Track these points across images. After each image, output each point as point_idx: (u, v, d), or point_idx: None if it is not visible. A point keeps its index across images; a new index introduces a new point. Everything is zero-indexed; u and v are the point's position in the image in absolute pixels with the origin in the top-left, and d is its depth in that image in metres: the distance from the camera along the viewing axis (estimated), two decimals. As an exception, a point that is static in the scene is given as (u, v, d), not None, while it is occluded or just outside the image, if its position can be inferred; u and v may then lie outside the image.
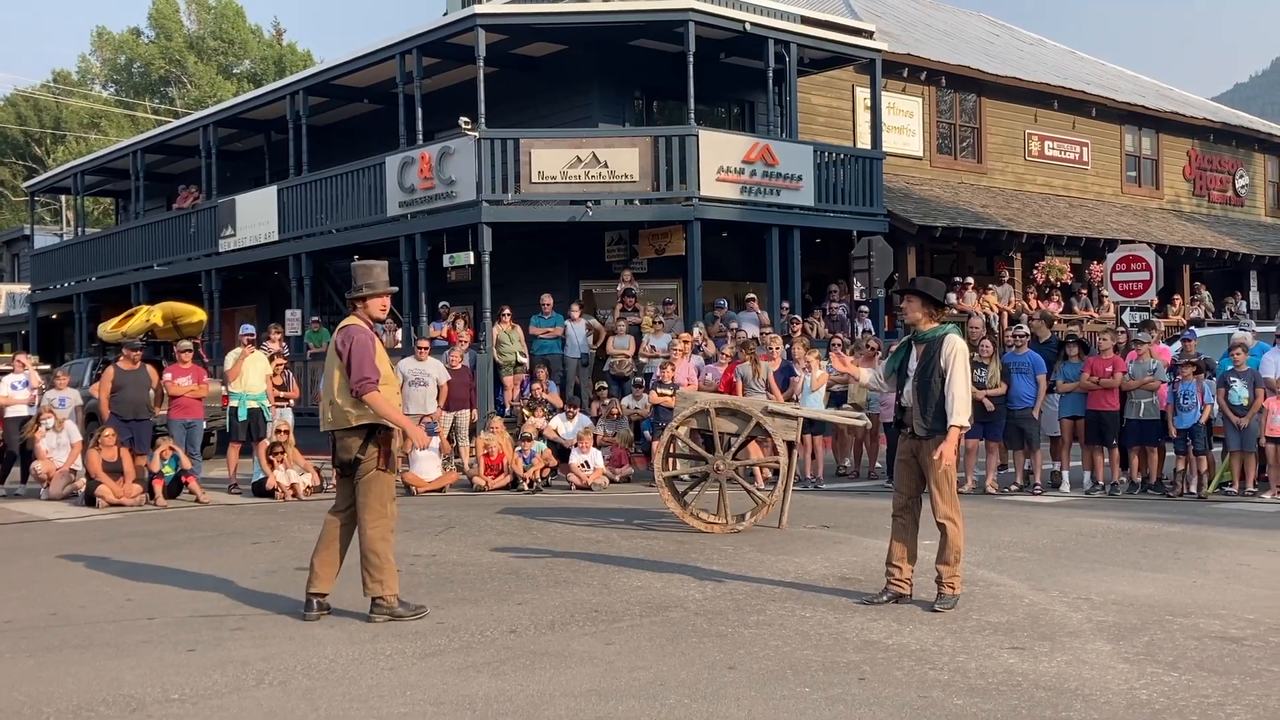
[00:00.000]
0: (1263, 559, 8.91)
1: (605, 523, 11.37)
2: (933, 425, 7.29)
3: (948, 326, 7.48)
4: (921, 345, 7.45)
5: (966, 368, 7.31)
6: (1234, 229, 30.73)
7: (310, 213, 22.83)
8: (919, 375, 7.40)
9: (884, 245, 20.32)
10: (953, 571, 7.29)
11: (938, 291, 7.57)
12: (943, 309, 7.56)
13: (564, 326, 18.40)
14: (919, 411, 7.37)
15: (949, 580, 7.28)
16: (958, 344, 7.32)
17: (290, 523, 11.74)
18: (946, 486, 7.34)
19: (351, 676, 5.90)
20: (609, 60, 20.97)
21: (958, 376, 7.23)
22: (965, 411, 7.24)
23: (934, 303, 7.48)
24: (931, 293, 7.51)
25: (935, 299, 7.48)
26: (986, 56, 28.52)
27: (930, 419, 7.29)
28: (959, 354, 7.27)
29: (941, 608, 7.17)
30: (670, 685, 5.64)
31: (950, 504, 7.34)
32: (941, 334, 7.37)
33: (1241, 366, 13.10)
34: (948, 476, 7.32)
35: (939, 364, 7.28)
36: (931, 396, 7.29)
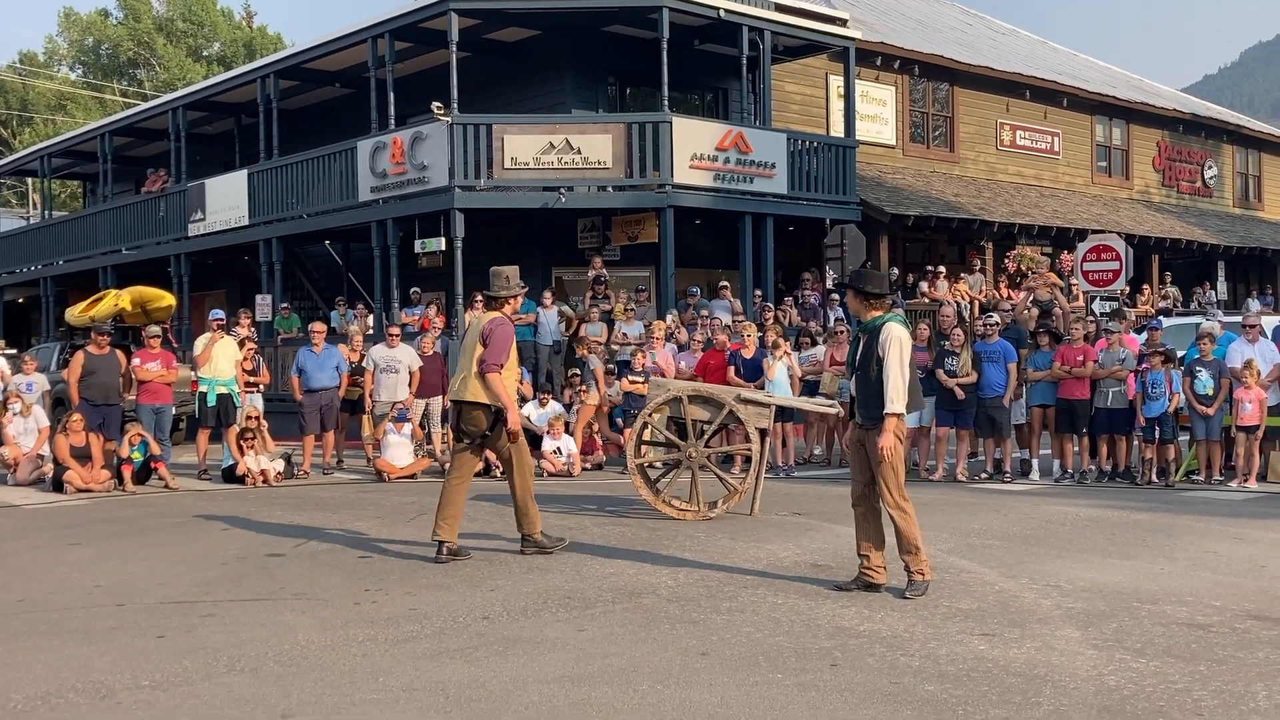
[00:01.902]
0: (1229, 546, 9.00)
1: (577, 509, 11.37)
2: (873, 413, 7.30)
3: (887, 316, 7.45)
4: (865, 336, 7.50)
5: (903, 356, 7.26)
6: (1202, 219, 30.99)
7: (281, 197, 22.68)
8: (860, 365, 7.46)
9: (857, 234, 20.38)
10: (917, 560, 7.28)
11: (870, 283, 7.57)
12: (880, 299, 7.51)
13: (536, 313, 18.36)
14: (860, 400, 7.44)
15: (916, 569, 7.29)
16: (893, 332, 7.30)
17: (261, 509, 11.68)
18: (892, 477, 7.29)
19: (324, 663, 5.88)
20: (583, 46, 20.91)
21: (892, 365, 7.22)
22: (901, 400, 7.21)
23: (867, 294, 7.50)
24: (862, 284, 7.55)
25: (868, 290, 7.50)
26: (959, 46, 28.61)
27: (871, 407, 7.31)
28: (894, 342, 7.25)
29: (911, 595, 7.19)
30: (643, 671, 5.65)
31: (897, 493, 7.29)
32: (880, 323, 7.38)
33: (1208, 356, 13.22)
34: (893, 466, 7.28)
35: (877, 353, 7.30)
36: (871, 385, 7.31)
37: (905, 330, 7.39)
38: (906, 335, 7.36)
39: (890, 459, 7.23)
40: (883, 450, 7.18)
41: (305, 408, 15.10)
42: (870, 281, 7.59)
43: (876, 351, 7.30)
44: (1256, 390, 12.89)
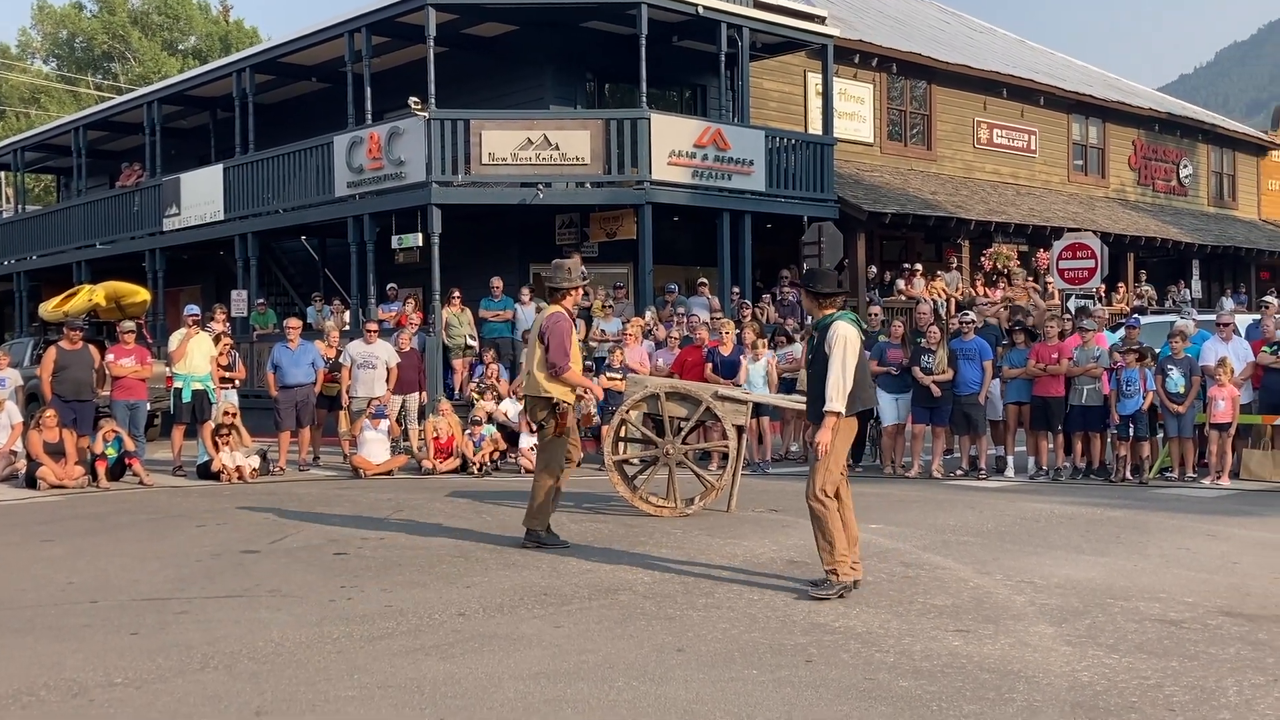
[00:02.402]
0: (1202, 543, 9.07)
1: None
2: (818, 411, 7.32)
3: (836, 314, 7.42)
4: (815, 334, 7.53)
5: (846, 355, 7.21)
6: (1177, 218, 31.19)
7: (257, 192, 22.57)
8: (811, 364, 7.51)
9: (834, 231, 20.43)
10: (830, 558, 7.16)
11: (821, 282, 7.59)
12: (831, 298, 7.51)
13: (514, 310, 18.33)
14: (810, 398, 7.54)
15: (829, 565, 7.18)
16: (839, 330, 7.27)
17: (236, 505, 11.63)
18: (822, 471, 7.25)
19: (298, 660, 5.86)
20: (561, 42, 20.88)
21: (834, 363, 7.20)
22: (839, 398, 7.17)
23: (817, 293, 7.53)
24: (813, 284, 7.60)
25: (818, 290, 7.53)
26: (937, 44, 28.70)
27: (818, 405, 7.32)
28: (839, 340, 7.23)
29: (814, 593, 7.08)
30: (619, 668, 5.66)
31: (821, 488, 7.23)
32: (828, 322, 7.39)
33: (1179, 354, 13.30)
34: (826, 462, 7.23)
35: (823, 351, 7.31)
36: (818, 384, 7.34)
37: (853, 329, 7.35)
38: (853, 334, 7.32)
39: (825, 455, 7.20)
40: (819, 446, 7.18)
41: (280, 404, 15.04)
42: (820, 281, 7.62)
43: (823, 350, 7.31)
44: (1230, 388, 12.99)
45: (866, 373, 7.50)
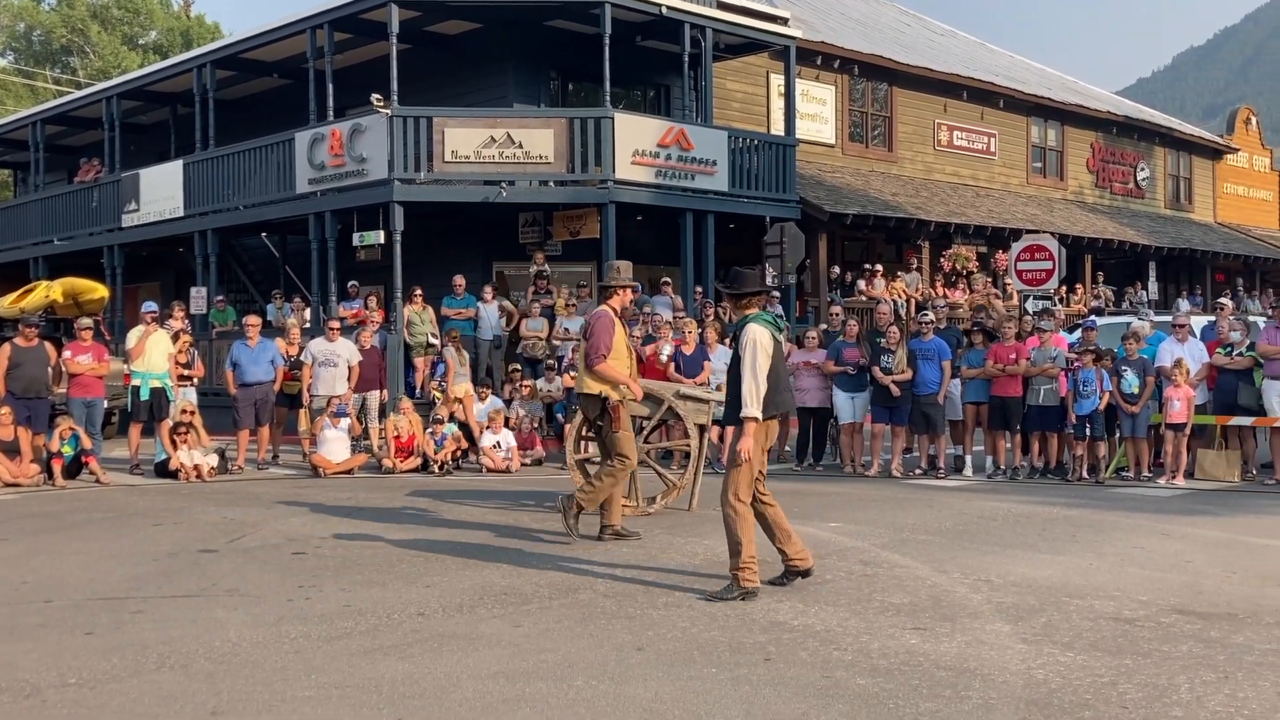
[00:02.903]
0: (1156, 542, 9.18)
1: (516, 505, 11.35)
2: (734, 415, 7.23)
3: (751, 316, 7.32)
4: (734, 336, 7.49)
5: (756, 359, 7.11)
6: (1134, 220, 31.54)
7: (217, 188, 22.39)
8: (729, 366, 7.46)
9: (796, 231, 20.51)
10: (736, 564, 7.12)
11: (736, 283, 7.56)
12: (745, 298, 7.47)
13: (476, 308, 18.29)
14: (727, 401, 7.41)
15: (731, 571, 7.15)
16: (750, 334, 7.17)
17: (194, 504, 11.54)
18: (735, 475, 7.19)
19: (255, 660, 5.83)
20: (524, 40, 20.85)
21: (745, 367, 7.11)
22: (753, 403, 7.07)
23: (733, 295, 7.55)
24: (728, 285, 7.60)
25: (731, 291, 7.53)
26: (898, 46, 28.87)
27: (733, 409, 7.24)
28: (749, 344, 7.13)
29: (715, 597, 7.04)
30: (578, 667, 5.66)
31: (734, 493, 7.17)
32: (742, 325, 7.33)
33: (1134, 355, 13.45)
34: (740, 468, 7.15)
35: (738, 354, 7.27)
36: (733, 387, 7.26)
37: (765, 331, 7.21)
38: (765, 336, 7.19)
39: (742, 461, 7.12)
40: (740, 452, 7.09)
41: (239, 402, 14.93)
42: (736, 282, 7.57)
43: (737, 353, 7.27)
44: (1185, 389, 13.15)
45: (782, 375, 7.35)
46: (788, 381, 7.50)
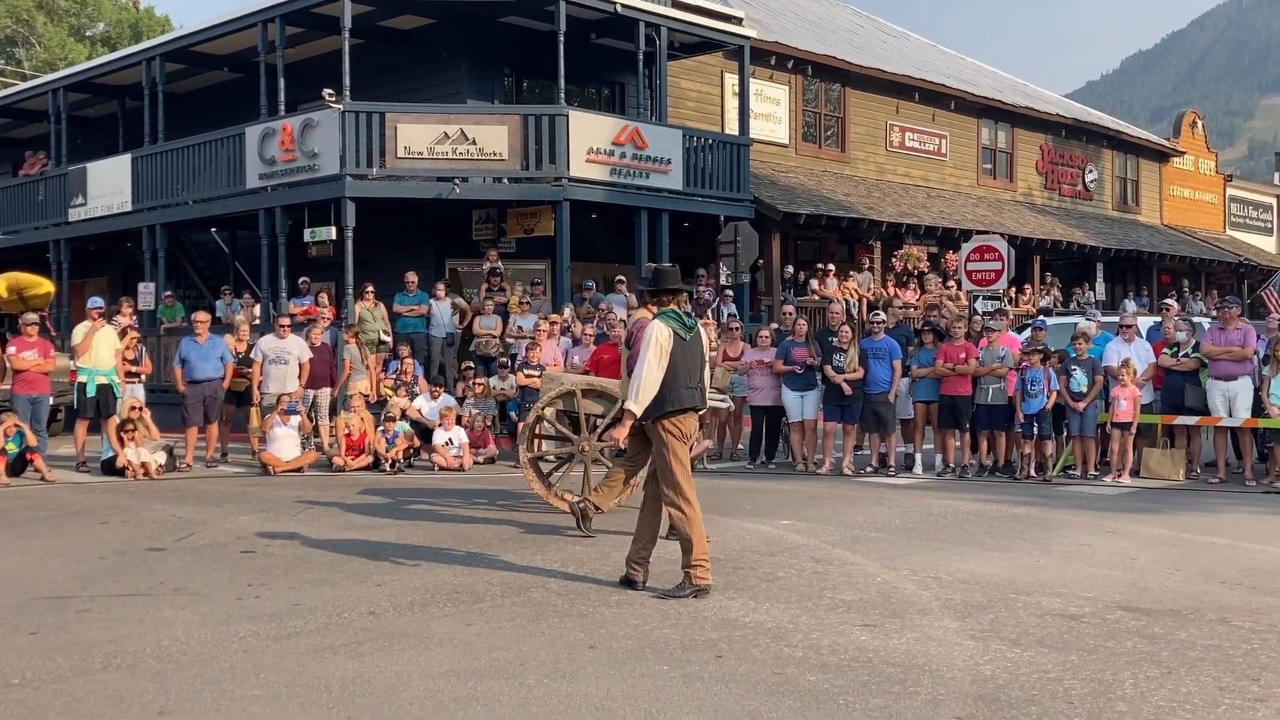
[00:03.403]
0: (1102, 540, 9.31)
1: (468, 503, 11.32)
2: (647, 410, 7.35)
3: (658, 314, 7.45)
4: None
5: (650, 354, 7.19)
6: (1083, 222, 31.93)
7: (166, 183, 22.13)
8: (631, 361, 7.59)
9: (750, 231, 20.59)
10: (687, 561, 7.16)
11: (654, 280, 7.64)
12: (665, 296, 7.53)
13: (429, 305, 18.20)
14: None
15: (684, 569, 7.19)
16: (649, 330, 7.33)
17: (141, 502, 11.41)
18: (669, 473, 7.28)
19: (204, 659, 5.78)
20: (479, 36, 20.77)
21: (638, 362, 7.28)
22: (641, 397, 7.18)
23: (649, 291, 7.62)
24: (645, 283, 7.67)
25: (644, 288, 7.61)
26: (852, 47, 29.04)
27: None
28: (647, 340, 7.28)
29: (664, 595, 7.10)
30: (530, 665, 5.66)
31: (677, 493, 7.23)
32: (644, 322, 7.46)
33: (1083, 355, 13.63)
34: (670, 465, 7.23)
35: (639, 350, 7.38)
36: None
37: (665, 328, 7.30)
38: (664, 333, 7.27)
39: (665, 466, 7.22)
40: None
41: (188, 399, 14.78)
42: (656, 280, 7.67)
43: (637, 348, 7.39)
44: (1132, 388, 13.33)
45: (682, 372, 7.30)
46: (695, 378, 7.38)
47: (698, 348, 7.48)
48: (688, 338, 7.39)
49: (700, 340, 7.53)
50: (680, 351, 7.31)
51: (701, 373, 7.46)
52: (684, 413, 7.34)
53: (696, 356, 7.44)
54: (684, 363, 7.31)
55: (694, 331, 7.46)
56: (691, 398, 7.37)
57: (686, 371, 7.32)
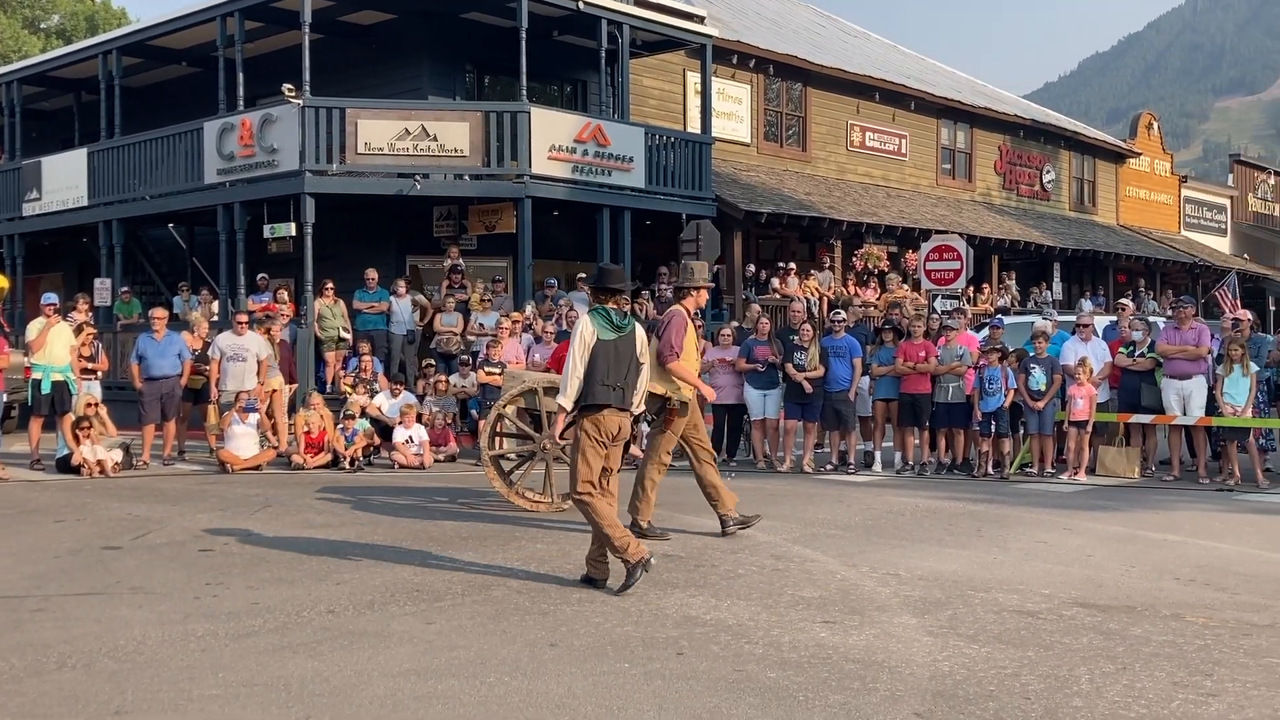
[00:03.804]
0: (1059, 537, 9.40)
1: (429, 501, 11.28)
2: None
3: (591, 309, 7.65)
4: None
5: (575, 350, 7.42)
6: (1040, 222, 32.22)
7: (123, 178, 21.89)
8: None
9: (712, 229, 20.62)
10: (614, 549, 7.21)
11: (597, 279, 7.74)
12: (607, 294, 7.60)
13: (389, 302, 18.12)
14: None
15: (620, 559, 7.21)
16: (576, 326, 7.58)
17: (97, 500, 11.28)
18: (573, 470, 7.47)
19: (161, 659, 5.73)
20: (440, 32, 20.68)
21: (566, 357, 7.48)
22: (568, 392, 7.41)
23: (595, 289, 7.72)
24: (591, 280, 7.77)
25: (595, 286, 7.71)
26: (813, 47, 29.15)
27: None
28: (573, 336, 7.51)
29: (619, 591, 7.14)
30: (491, 663, 5.65)
31: (577, 484, 7.39)
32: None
33: (1042, 354, 13.76)
34: (577, 460, 7.39)
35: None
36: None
37: (589, 324, 7.46)
38: (587, 329, 7.44)
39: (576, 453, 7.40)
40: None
41: (145, 396, 14.63)
42: (598, 278, 7.75)
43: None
44: (1088, 387, 13.48)
45: (600, 370, 7.35)
46: (617, 378, 7.39)
47: (628, 348, 7.48)
48: (614, 337, 7.43)
49: (632, 341, 7.51)
50: (602, 350, 7.39)
51: (629, 374, 7.44)
52: (599, 410, 7.38)
53: (625, 357, 7.46)
54: (604, 361, 7.38)
55: (625, 332, 7.48)
56: (607, 395, 7.38)
57: (605, 370, 7.37)
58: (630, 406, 7.53)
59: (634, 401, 7.61)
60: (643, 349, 7.60)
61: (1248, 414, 13.01)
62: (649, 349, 7.82)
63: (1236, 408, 12.97)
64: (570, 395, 7.41)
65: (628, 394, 7.47)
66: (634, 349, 7.53)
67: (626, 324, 7.51)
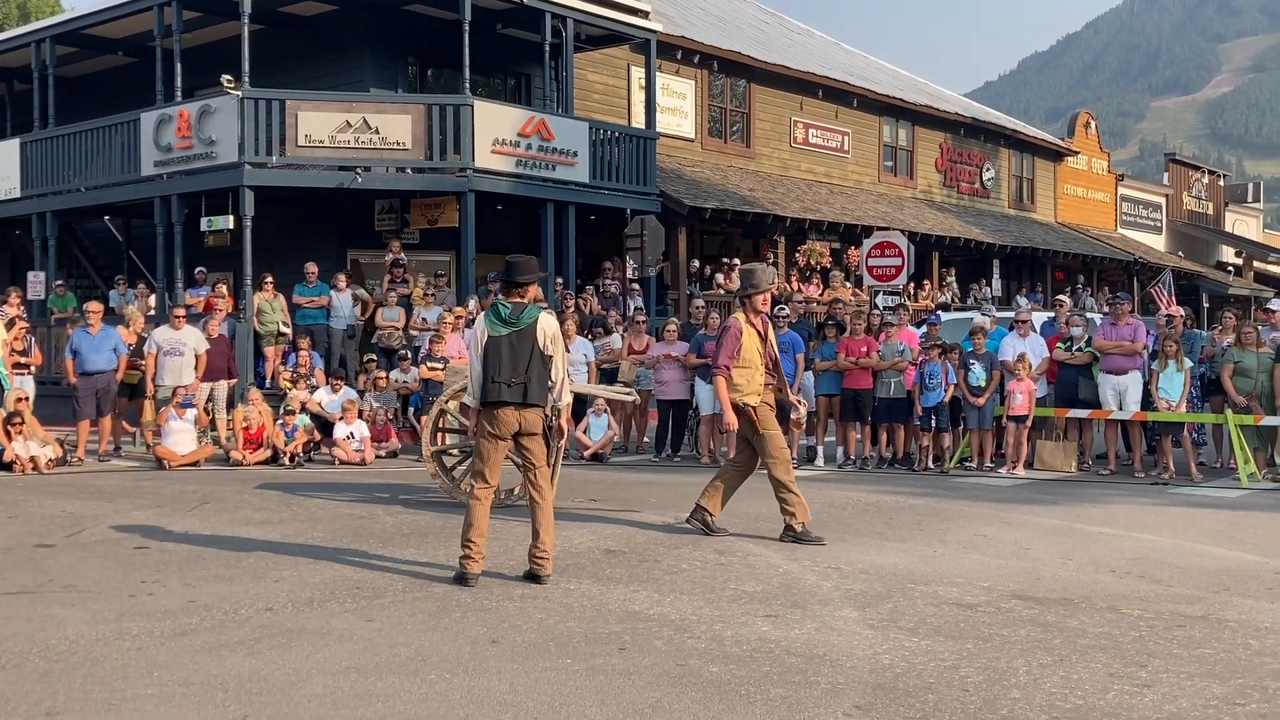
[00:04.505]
0: (997, 530, 9.51)
1: (369, 498, 11.18)
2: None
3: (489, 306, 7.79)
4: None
5: (471, 348, 7.59)
6: (980, 219, 32.58)
7: (57, 169, 21.52)
8: None
9: (656, 224, 20.64)
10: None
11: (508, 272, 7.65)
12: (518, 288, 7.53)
13: (329, 296, 17.94)
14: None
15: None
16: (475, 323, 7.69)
17: (30, 497, 11.06)
18: (474, 458, 7.66)
19: (94, 658, 5.62)
20: (382, 23, 20.51)
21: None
22: (471, 389, 7.56)
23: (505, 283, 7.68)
24: (501, 274, 7.79)
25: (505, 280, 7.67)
26: (757, 43, 29.26)
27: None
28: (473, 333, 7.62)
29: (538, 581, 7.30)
30: (432, 660, 5.61)
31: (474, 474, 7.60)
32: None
33: (980, 350, 13.91)
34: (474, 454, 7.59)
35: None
36: None
37: (481, 323, 7.54)
38: (478, 328, 7.56)
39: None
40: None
41: (80, 391, 14.38)
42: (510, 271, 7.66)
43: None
44: (1027, 382, 13.64)
45: (491, 367, 7.32)
46: (510, 374, 7.29)
47: (525, 342, 7.34)
48: (505, 332, 7.35)
49: (531, 334, 7.35)
50: (493, 347, 7.35)
51: (531, 368, 7.30)
52: (495, 408, 7.35)
53: (523, 351, 7.33)
54: (495, 357, 7.33)
55: (519, 326, 7.36)
56: (500, 392, 7.31)
57: (498, 367, 7.31)
58: (538, 401, 7.36)
59: (555, 395, 7.47)
60: (549, 340, 7.39)
61: (1182, 409, 13.24)
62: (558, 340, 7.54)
63: (1171, 402, 13.18)
64: (474, 394, 7.50)
65: (531, 389, 7.30)
66: (533, 342, 7.34)
67: (521, 318, 7.37)
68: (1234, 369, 13.36)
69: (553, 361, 7.46)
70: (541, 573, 7.31)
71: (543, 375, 7.39)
